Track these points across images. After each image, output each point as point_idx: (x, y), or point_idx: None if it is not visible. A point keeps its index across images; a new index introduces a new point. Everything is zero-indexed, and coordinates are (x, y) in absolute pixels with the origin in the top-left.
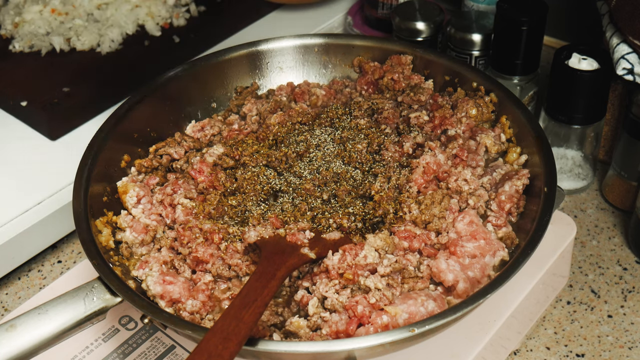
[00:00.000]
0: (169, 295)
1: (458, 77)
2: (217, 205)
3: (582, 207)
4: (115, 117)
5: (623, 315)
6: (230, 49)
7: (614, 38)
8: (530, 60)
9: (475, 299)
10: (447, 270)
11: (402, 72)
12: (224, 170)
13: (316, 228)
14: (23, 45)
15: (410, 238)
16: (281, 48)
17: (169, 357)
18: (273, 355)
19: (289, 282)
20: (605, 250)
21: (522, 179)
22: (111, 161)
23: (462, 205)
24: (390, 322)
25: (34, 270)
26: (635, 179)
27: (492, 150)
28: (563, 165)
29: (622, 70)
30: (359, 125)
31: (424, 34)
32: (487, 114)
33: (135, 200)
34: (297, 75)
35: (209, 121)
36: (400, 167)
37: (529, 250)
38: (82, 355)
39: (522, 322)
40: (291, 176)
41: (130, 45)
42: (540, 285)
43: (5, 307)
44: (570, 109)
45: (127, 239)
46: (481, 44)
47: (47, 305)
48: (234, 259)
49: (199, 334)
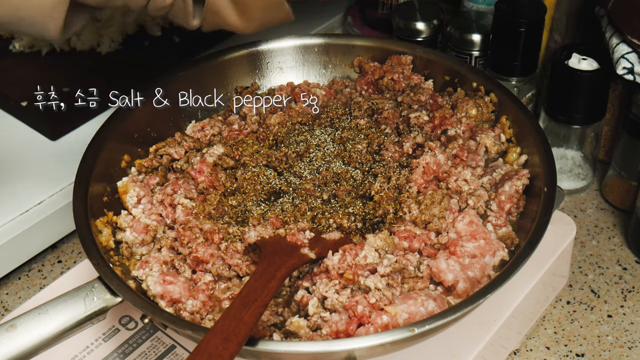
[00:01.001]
0: (169, 295)
1: (458, 77)
2: (217, 205)
3: (582, 207)
4: (115, 117)
5: (623, 315)
6: (230, 49)
7: (613, 38)
8: (528, 62)
9: (475, 299)
10: (447, 270)
11: (402, 72)
12: (224, 170)
13: (316, 228)
14: (23, 45)
15: (410, 238)
16: (281, 48)
17: (169, 357)
18: (273, 355)
19: (289, 282)
20: (605, 250)
21: (522, 179)
22: (111, 161)
23: (462, 205)
24: (390, 322)
25: (34, 270)
26: (635, 179)
27: (492, 150)
28: (563, 165)
29: (622, 70)
30: (359, 126)
31: (424, 34)
32: (487, 114)
33: (136, 200)
34: (297, 75)
35: (209, 121)
36: (400, 167)
37: (529, 250)
38: (83, 355)
39: (522, 322)
40: (291, 176)
41: (131, 46)
42: (540, 285)
43: (6, 307)
44: (570, 109)
45: (127, 239)
46: (481, 44)
47: (47, 305)
48: (234, 259)
49: (199, 334)
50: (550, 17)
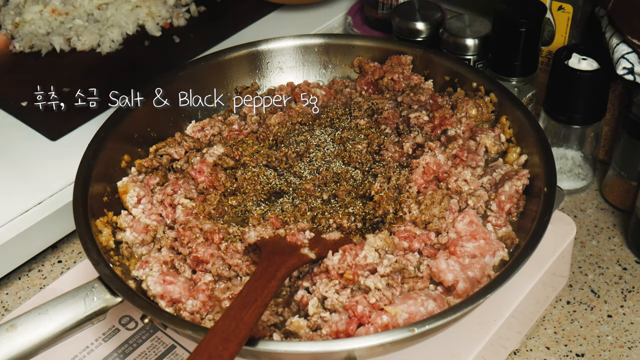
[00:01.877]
0: (169, 295)
1: (458, 77)
2: (217, 205)
3: (581, 207)
4: (116, 117)
5: (623, 315)
6: (230, 49)
7: (613, 38)
8: (528, 62)
9: (475, 299)
10: (447, 270)
11: (402, 72)
12: (224, 170)
13: (316, 228)
14: (23, 45)
15: (410, 238)
16: (281, 48)
17: (169, 357)
18: (273, 355)
19: (289, 282)
20: (605, 250)
21: (522, 179)
22: (111, 161)
23: (462, 205)
24: (390, 322)
25: (34, 270)
26: (635, 179)
27: (492, 150)
28: (563, 165)
29: (622, 70)
30: (359, 126)
31: (424, 34)
32: (487, 114)
33: (136, 200)
34: (297, 75)
35: (209, 121)
36: (400, 167)
37: (529, 250)
38: (83, 355)
39: (522, 322)
40: (291, 176)
41: (131, 46)
42: (540, 285)
43: (6, 307)
44: (570, 109)
45: (128, 239)
46: (475, 48)
47: (47, 305)
48: (234, 259)
49: (199, 334)
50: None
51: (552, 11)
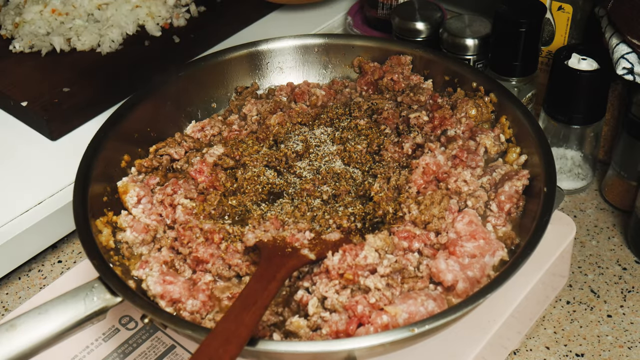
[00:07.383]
0: (169, 295)
1: (458, 77)
2: (217, 205)
3: (581, 207)
4: (116, 117)
5: (622, 315)
6: (230, 49)
7: (613, 38)
8: (528, 62)
9: (475, 298)
10: (447, 270)
11: (402, 72)
12: (224, 170)
13: (316, 229)
14: (23, 46)
15: (409, 238)
16: (281, 48)
17: (169, 357)
18: (273, 355)
19: (289, 282)
20: (604, 250)
21: (521, 180)
22: (111, 161)
23: (461, 205)
24: (390, 322)
25: (34, 270)
26: (635, 179)
27: (492, 150)
28: (563, 165)
29: (622, 70)
30: (359, 126)
31: (424, 34)
32: (486, 114)
33: (136, 200)
34: (297, 76)
35: (209, 121)
36: (399, 167)
37: (529, 250)
38: (83, 355)
39: (521, 321)
40: (291, 176)
41: (131, 46)
42: (540, 285)
43: (6, 307)
44: (570, 109)
45: (128, 239)
46: (475, 48)
47: (47, 305)
48: (234, 259)
49: (199, 334)
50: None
51: (552, 11)
